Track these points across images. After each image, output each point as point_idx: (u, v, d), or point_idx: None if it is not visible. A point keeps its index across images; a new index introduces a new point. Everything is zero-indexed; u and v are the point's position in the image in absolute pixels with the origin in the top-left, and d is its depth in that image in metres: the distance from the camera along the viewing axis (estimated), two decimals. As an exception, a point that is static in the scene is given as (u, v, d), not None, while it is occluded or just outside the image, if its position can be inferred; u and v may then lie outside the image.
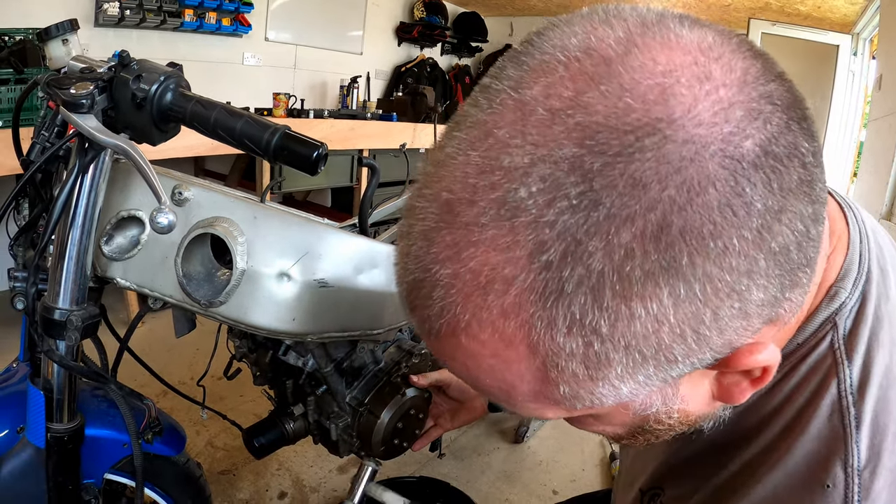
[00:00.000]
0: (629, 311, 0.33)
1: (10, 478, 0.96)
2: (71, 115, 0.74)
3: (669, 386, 0.41)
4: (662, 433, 0.48)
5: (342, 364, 1.20)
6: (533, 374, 0.37)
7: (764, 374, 0.41)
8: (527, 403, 0.40)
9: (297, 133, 0.80)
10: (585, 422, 0.49)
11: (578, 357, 0.35)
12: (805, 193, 0.35)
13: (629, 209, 0.31)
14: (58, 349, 0.87)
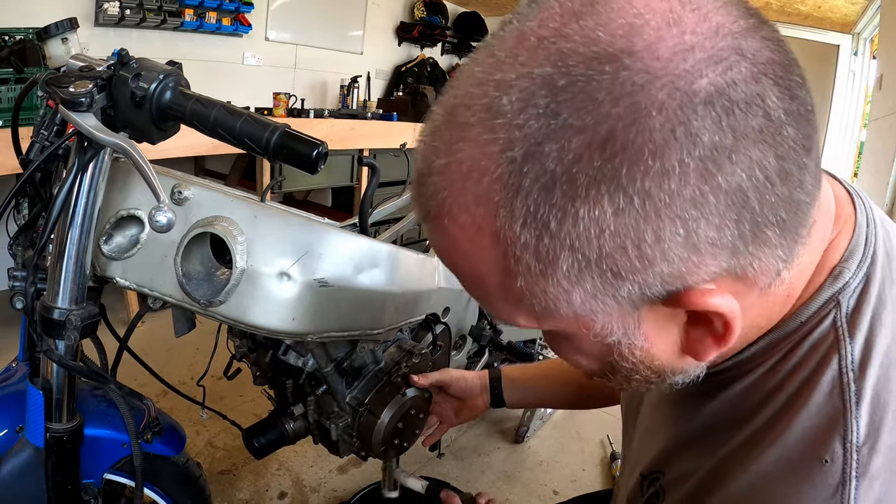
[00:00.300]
0: (574, 211, 0.36)
1: (9, 477, 0.96)
2: (70, 114, 0.74)
3: (629, 315, 0.43)
4: (632, 375, 0.50)
5: (342, 364, 1.20)
6: (497, 264, 0.41)
7: (726, 332, 0.43)
8: (499, 303, 0.45)
9: (297, 131, 0.80)
10: (560, 346, 0.52)
11: (531, 249, 0.39)
12: (766, 143, 0.37)
13: (582, 121, 0.35)
14: (57, 349, 0.87)
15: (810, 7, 4.75)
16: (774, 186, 0.38)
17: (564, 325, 0.46)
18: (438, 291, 1.41)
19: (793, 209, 0.40)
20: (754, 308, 0.48)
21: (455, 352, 1.75)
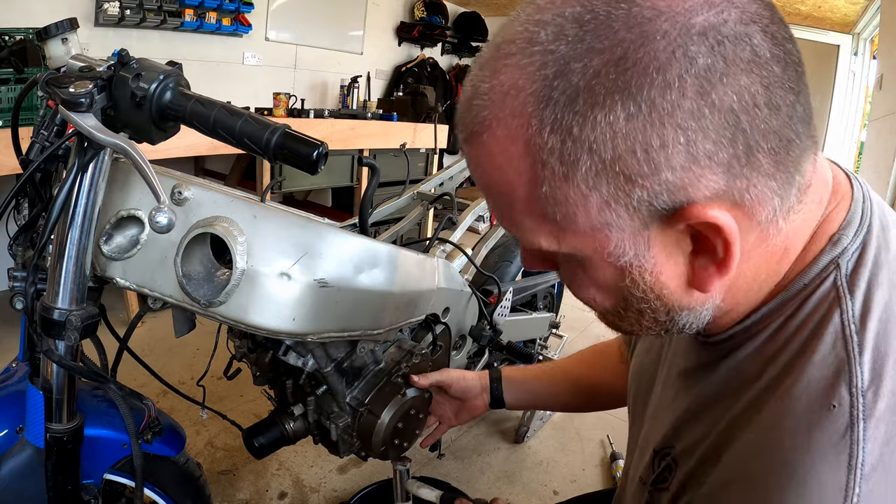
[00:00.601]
0: (593, 117, 0.43)
1: (9, 478, 0.95)
2: (70, 114, 0.74)
3: (639, 234, 0.48)
4: (644, 312, 0.55)
5: (342, 364, 1.20)
6: (526, 172, 0.48)
7: (726, 256, 0.48)
8: (524, 219, 0.51)
9: (297, 132, 0.80)
10: (577, 278, 0.56)
11: (556, 153, 0.45)
12: (754, 74, 0.43)
13: (602, 44, 0.43)
14: (57, 349, 0.86)
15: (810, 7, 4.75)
16: (762, 112, 0.44)
17: (582, 244, 0.50)
18: (438, 292, 1.41)
19: (784, 145, 0.46)
20: (754, 255, 0.52)
21: (455, 352, 1.76)
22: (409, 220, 2.03)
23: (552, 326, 2.52)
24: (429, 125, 4.57)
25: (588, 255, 0.52)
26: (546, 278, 2.54)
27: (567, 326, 3.52)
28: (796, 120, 0.46)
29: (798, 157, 0.48)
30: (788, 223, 0.52)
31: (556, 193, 0.47)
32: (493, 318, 1.85)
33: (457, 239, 1.79)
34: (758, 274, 0.55)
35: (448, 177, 2.31)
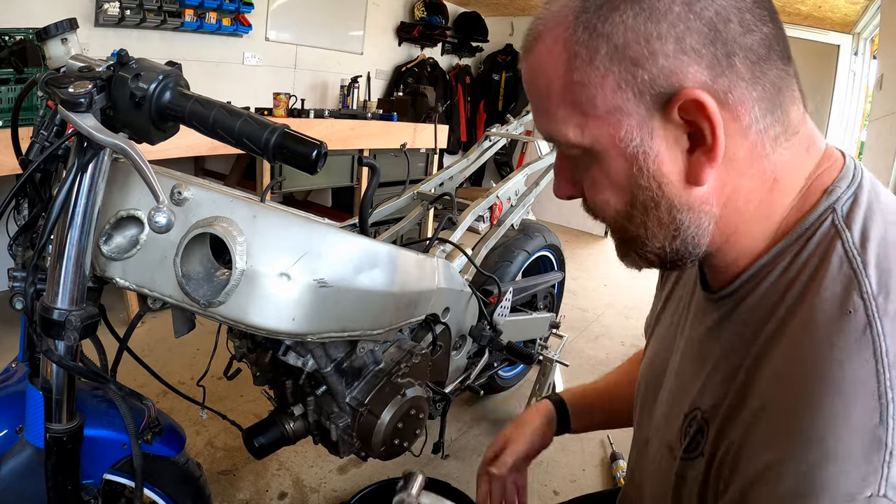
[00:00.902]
0: (611, 17, 0.56)
1: (9, 478, 0.95)
2: (69, 114, 0.74)
3: (645, 124, 0.58)
4: (649, 211, 0.62)
5: (342, 364, 1.20)
6: (563, 65, 0.59)
7: (714, 140, 0.56)
8: (558, 109, 0.62)
9: (297, 132, 0.80)
10: (594, 178, 0.65)
11: (584, 44, 0.57)
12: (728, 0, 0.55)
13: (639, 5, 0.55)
14: (57, 349, 0.86)
15: (810, 7, 4.75)
16: (735, 28, 0.55)
17: (600, 131, 0.60)
18: (438, 292, 1.41)
19: (758, 59, 0.56)
20: (746, 172, 0.60)
21: (455, 352, 1.76)
22: (409, 221, 2.03)
23: (552, 326, 2.52)
24: (429, 125, 4.57)
25: (604, 146, 0.61)
26: (546, 279, 2.54)
27: (567, 326, 3.52)
28: (771, 48, 0.57)
29: (776, 81, 0.58)
30: (776, 154, 0.60)
31: (582, 76, 0.58)
32: (493, 318, 1.85)
33: (457, 239, 1.79)
34: (750, 196, 0.61)
35: (448, 177, 2.31)
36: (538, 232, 2.55)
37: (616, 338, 3.64)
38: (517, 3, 6.38)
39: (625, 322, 3.94)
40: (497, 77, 6.89)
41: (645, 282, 4.98)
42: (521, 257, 2.40)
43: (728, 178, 0.60)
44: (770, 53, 0.57)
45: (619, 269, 5.35)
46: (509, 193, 2.17)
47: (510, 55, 6.88)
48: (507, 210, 2.16)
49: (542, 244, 2.56)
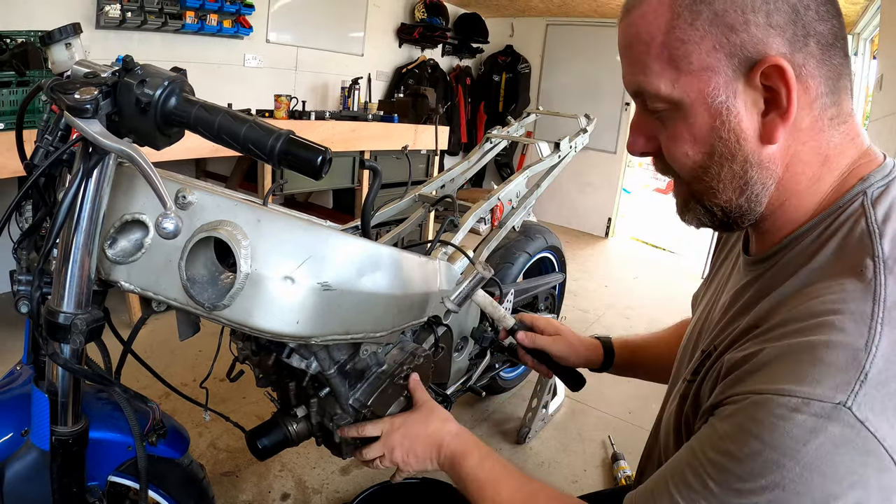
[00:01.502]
0: (714, 7, 0.65)
1: (15, 480, 0.96)
2: (75, 120, 0.74)
3: (731, 83, 0.67)
4: (723, 164, 0.71)
5: (345, 366, 1.21)
6: (666, 23, 0.68)
7: (788, 102, 0.66)
8: (654, 63, 0.70)
9: (302, 138, 0.80)
10: (676, 131, 0.73)
11: (688, 7, 0.66)
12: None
13: None
14: (62, 352, 0.87)
15: (810, 7, 4.75)
16: (813, 14, 0.65)
17: (690, 86, 0.69)
18: (440, 294, 1.41)
19: (828, 44, 0.66)
20: (807, 141, 0.70)
21: (457, 353, 1.76)
22: (410, 223, 2.03)
23: (553, 327, 2.52)
24: (430, 126, 4.57)
25: (692, 100, 0.69)
26: (547, 280, 2.54)
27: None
28: (837, 38, 0.67)
29: (839, 68, 0.68)
30: (830, 133, 0.70)
31: (683, 35, 0.67)
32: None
33: (458, 241, 1.80)
34: (806, 167, 0.71)
35: (449, 179, 2.32)
36: (539, 233, 2.55)
37: (617, 338, 3.65)
38: (517, 4, 6.39)
39: (625, 323, 3.95)
40: (497, 78, 6.89)
41: (645, 283, 4.99)
42: (522, 259, 2.41)
43: (792, 144, 0.70)
44: (836, 42, 0.67)
45: (619, 271, 5.36)
46: (510, 195, 2.17)
47: (510, 56, 6.88)
48: (508, 212, 2.17)
49: (543, 246, 2.56)
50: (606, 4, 5.87)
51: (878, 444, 0.57)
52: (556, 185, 2.68)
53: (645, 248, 6.43)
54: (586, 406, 2.78)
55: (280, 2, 4.59)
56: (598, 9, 6.09)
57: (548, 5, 6.27)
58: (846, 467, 0.57)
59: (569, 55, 6.74)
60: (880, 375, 0.58)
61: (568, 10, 6.35)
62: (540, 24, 6.85)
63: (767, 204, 0.74)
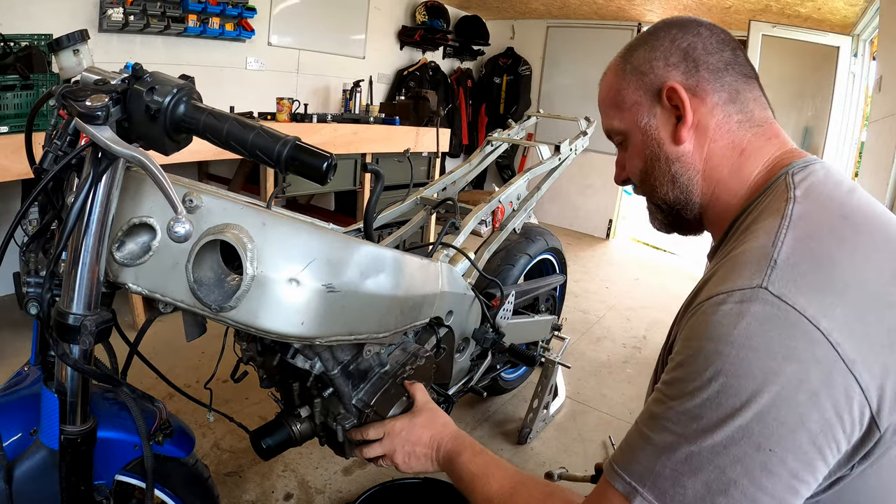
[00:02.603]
0: (634, 54, 0.94)
1: (24, 479, 0.97)
2: (87, 127, 0.76)
3: (650, 109, 0.92)
4: (655, 164, 0.94)
5: (349, 367, 1.22)
6: (616, 82, 0.96)
7: (684, 111, 0.88)
8: (613, 110, 0.97)
9: (308, 144, 0.82)
10: (629, 152, 0.98)
11: (622, 69, 0.95)
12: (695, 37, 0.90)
13: (639, 39, 0.96)
14: (72, 353, 0.88)
15: (810, 9, 4.77)
16: (700, 52, 0.89)
17: (629, 119, 0.95)
18: (442, 295, 1.43)
19: (717, 70, 0.88)
20: (718, 140, 0.89)
21: (458, 354, 1.78)
22: (412, 225, 2.05)
23: (554, 329, 2.54)
24: (431, 129, 4.59)
25: (631, 128, 0.95)
26: (548, 281, 2.56)
27: (569, 329, 3.53)
28: (728, 65, 0.89)
29: (735, 85, 0.89)
30: (740, 133, 0.89)
31: (619, 86, 0.95)
32: (496, 321, 1.87)
33: (460, 243, 1.81)
34: (723, 159, 0.90)
35: (451, 181, 2.33)
36: (540, 235, 2.56)
37: (618, 340, 3.66)
38: (518, 6, 6.40)
39: (626, 324, 3.96)
40: (498, 80, 6.91)
41: (646, 284, 5.00)
42: (523, 260, 2.42)
43: (703, 142, 0.90)
44: (727, 68, 0.89)
45: (620, 272, 5.37)
46: (511, 198, 2.18)
47: (511, 58, 6.90)
48: (509, 214, 2.18)
49: (544, 247, 2.58)
50: (607, 7, 5.89)
51: (799, 316, 0.66)
52: (557, 187, 2.69)
53: (646, 249, 6.43)
54: (587, 407, 2.79)
55: (282, 5, 4.61)
56: (598, 11, 6.11)
57: (548, 7, 6.28)
58: (776, 341, 0.65)
59: (569, 57, 6.75)
60: (788, 260, 0.70)
61: (568, 12, 6.37)
62: (541, 27, 6.87)
63: (702, 194, 0.92)
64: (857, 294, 0.69)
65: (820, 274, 0.69)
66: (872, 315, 0.68)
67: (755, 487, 0.65)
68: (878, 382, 0.66)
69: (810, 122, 5.62)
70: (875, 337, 0.67)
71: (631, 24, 6.26)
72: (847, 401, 0.65)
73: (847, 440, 0.66)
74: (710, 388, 0.67)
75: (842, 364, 0.65)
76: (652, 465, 0.71)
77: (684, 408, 0.69)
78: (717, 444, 0.66)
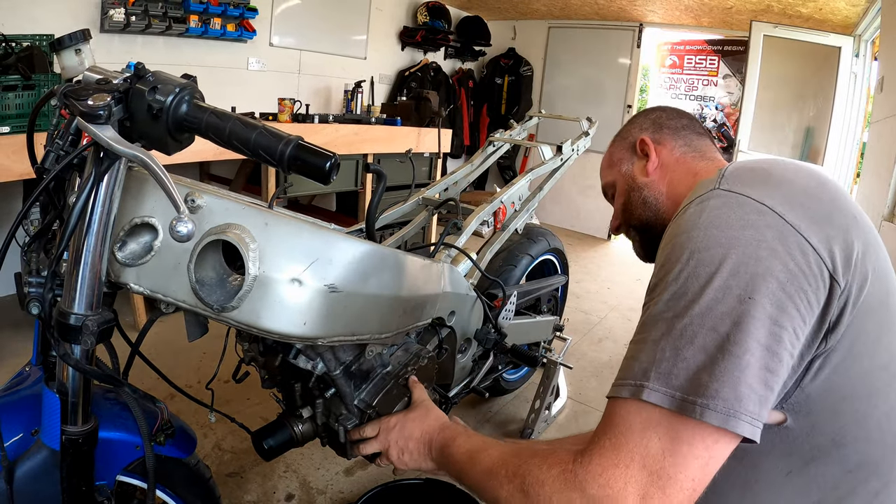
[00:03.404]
0: (624, 129, 1.29)
1: (25, 479, 0.96)
2: (89, 126, 0.75)
3: (629, 161, 1.21)
4: (634, 196, 1.18)
5: (351, 367, 1.22)
6: (613, 156, 1.27)
7: (650, 154, 1.16)
8: (608, 170, 1.27)
9: (311, 144, 0.82)
10: (617, 197, 1.24)
11: (615, 148, 1.27)
12: (661, 113, 1.23)
13: (623, 128, 1.31)
14: (73, 353, 0.88)
15: (811, 9, 4.77)
16: (665, 121, 1.20)
17: (616, 171, 1.23)
18: (444, 296, 1.43)
19: (676, 129, 1.18)
20: (677, 170, 1.13)
21: (460, 355, 1.77)
22: (414, 225, 2.04)
23: (556, 329, 2.53)
24: (432, 129, 4.59)
25: (618, 178, 1.23)
26: (550, 282, 2.55)
27: (570, 329, 3.53)
28: (685, 127, 1.18)
29: (690, 138, 1.16)
30: (694, 163, 1.12)
31: (612, 150, 1.26)
32: (498, 322, 1.87)
33: (461, 244, 1.81)
34: (681, 181, 1.11)
35: (453, 182, 2.33)
36: (542, 236, 2.56)
37: (619, 340, 3.66)
38: (519, 7, 6.41)
39: (627, 325, 3.95)
40: (500, 81, 6.91)
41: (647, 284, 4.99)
42: (524, 261, 2.42)
43: (665, 174, 1.14)
44: (682, 129, 1.17)
45: (621, 273, 5.36)
46: (513, 198, 2.18)
47: (513, 59, 6.90)
48: (511, 215, 2.18)
49: (546, 248, 2.57)
50: (608, 7, 5.89)
51: (749, 199, 0.80)
52: (558, 188, 2.69)
53: (647, 250, 6.41)
54: (588, 407, 2.79)
55: (283, 6, 4.61)
56: (599, 11, 6.11)
57: (550, 8, 6.28)
58: (734, 217, 0.79)
59: (571, 58, 6.76)
60: (734, 173, 0.87)
61: (570, 12, 6.37)
62: (542, 27, 6.87)
63: (667, 210, 1.12)
64: (791, 188, 0.83)
65: (758, 177, 0.85)
66: (807, 200, 0.81)
67: (745, 335, 0.72)
68: (826, 246, 0.77)
69: (812, 123, 5.62)
70: (813, 213, 0.79)
71: (632, 25, 6.26)
72: (803, 256, 0.75)
73: (815, 293, 0.75)
74: (688, 267, 0.78)
75: (789, 227, 0.77)
76: (651, 357, 0.77)
77: (670, 292, 0.79)
78: (704, 308, 0.74)
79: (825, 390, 0.80)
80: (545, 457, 0.85)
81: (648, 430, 0.73)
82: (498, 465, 0.93)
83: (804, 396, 0.81)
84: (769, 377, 0.72)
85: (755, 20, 5.25)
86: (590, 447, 0.78)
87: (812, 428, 0.82)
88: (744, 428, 0.70)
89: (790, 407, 0.82)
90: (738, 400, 0.70)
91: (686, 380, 0.72)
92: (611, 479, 0.73)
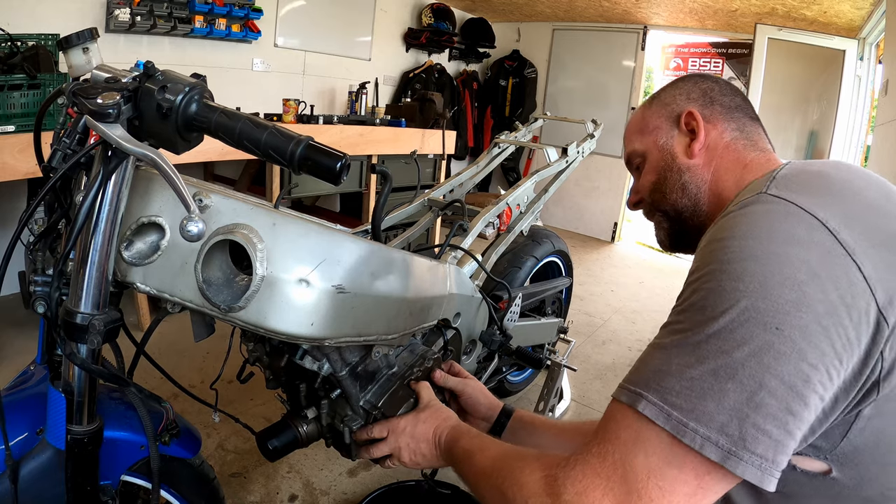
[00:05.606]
0: (661, 94, 1.11)
1: (29, 478, 0.96)
2: (98, 125, 0.75)
3: (669, 132, 1.06)
4: (667, 176, 1.05)
5: (357, 368, 1.22)
6: (641, 116, 1.12)
7: (698, 131, 1.01)
8: (638, 136, 1.11)
9: (321, 144, 0.81)
10: (644, 169, 1.10)
11: (648, 105, 1.12)
12: (713, 83, 1.07)
13: (664, 86, 1.14)
14: (79, 352, 0.88)
15: (815, 12, 4.76)
16: (716, 94, 1.05)
17: (650, 141, 1.08)
18: (450, 297, 1.42)
19: (727, 107, 1.03)
20: (725, 156, 1.00)
21: (465, 356, 1.77)
22: (419, 227, 2.04)
23: (560, 331, 2.53)
24: (437, 131, 4.58)
25: (650, 148, 1.08)
26: (555, 284, 2.55)
27: (575, 332, 3.53)
28: (737, 107, 1.03)
29: (741, 119, 1.02)
30: (745, 152, 0.99)
31: (646, 115, 1.11)
32: (503, 324, 1.87)
33: (467, 245, 1.81)
34: (728, 172, 0.99)
35: (458, 183, 2.33)
36: (546, 238, 2.56)
37: (623, 343, 3.65)
38: (524, 9, 6.40)
39: (631, 327, 3.95)
40: (504, 83, 6.91)
41: (651, 287, 4.99)
42: (529, 263, 2.42)
43: (712, 159, 1.00)
44: (736, 110, 1.03)
45: (625, 275, 5.36)
46: (519, 200, 2.18)
47: (517, 61, 6.90)
48: (516, 216, 2.18)
49: (551, 250, 2.57)
50: (612, 10, 5.88)
51: (797, 208, 0.71)
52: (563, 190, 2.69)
53: (651, 252, 6.42)
54: (592, 409, 2.78)
55: (288, 7, 4.62)
56: (603, 13, 6.10)
57: (554, 10, 6.28)
58: (778, 229, 0.69)
59: (575, 60, 6.76)
60: (787, 175, 0.80)
61: (574, 14, 6.37)
62: (546, 29, 6.87)
63: (708, 203, 1.01)
64: (854, 199, 0.73)
65: (816, 183, 0.76)
66: (871, 218, 0.71)
67: (762, 368, 0.63)
68: (881, 276, 0.66)
69: (816, 126, 5.60)
70: (874, 235, 0.68)
71: (636, 27, 6.25)
72: (849, 285, 0.65)
73: (855, 330, 0.64)
74: (714, 278, 0.69)
75: (840, 248, 0.66)
76: (658, 367, 0.70)
77: (691, 301, 0.71)
78: (722, 329, 0.66)
79: (875, 443, 0.71)
80: (534, 459, 0.83)
81: (638, 444, 0.68)
82: (489, 466, 0.93)
83: (851, 448, 0.71)
84: (790, 421, 0.63)
85: (759, 23, 5.24)
86: (579, 450, 0.75)
87: (861, 479, 0.73)
88: (747, 471, 0.63)
89: (835, 458, 0.72)
90: (743, 440, 0.63)
91: (688, 402, 0.66)
92: (588, 488, 0.70)
